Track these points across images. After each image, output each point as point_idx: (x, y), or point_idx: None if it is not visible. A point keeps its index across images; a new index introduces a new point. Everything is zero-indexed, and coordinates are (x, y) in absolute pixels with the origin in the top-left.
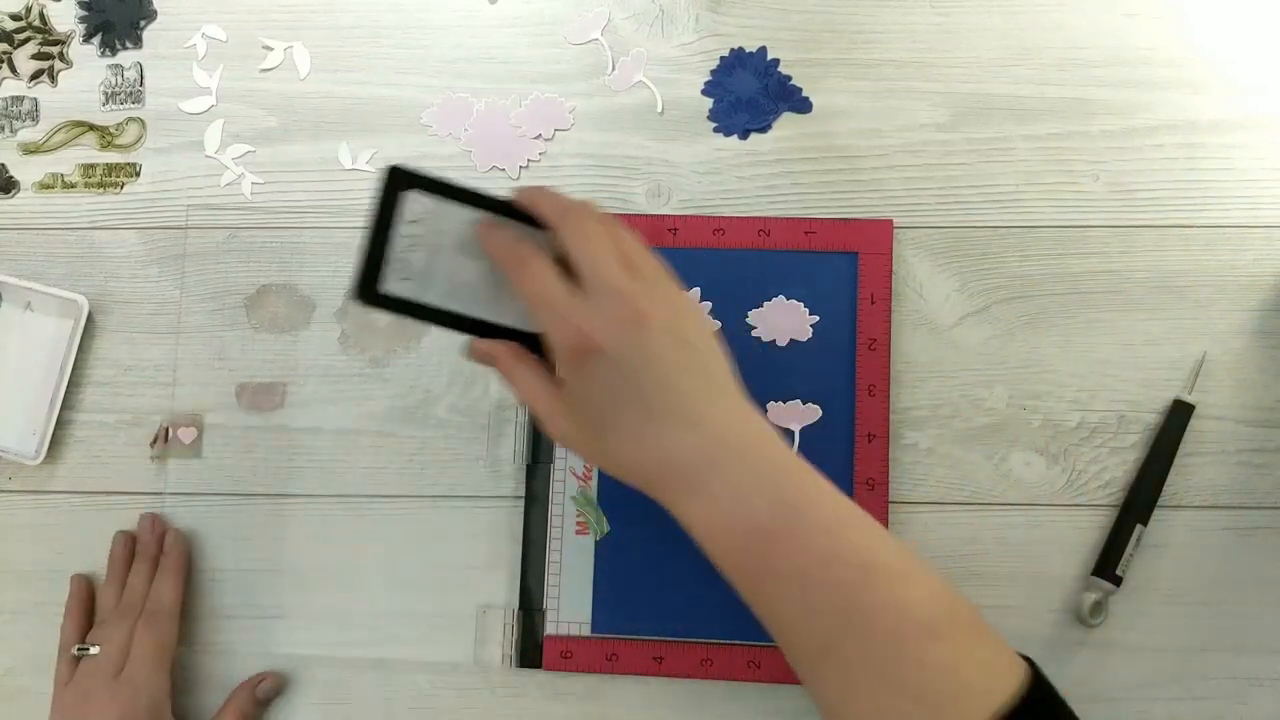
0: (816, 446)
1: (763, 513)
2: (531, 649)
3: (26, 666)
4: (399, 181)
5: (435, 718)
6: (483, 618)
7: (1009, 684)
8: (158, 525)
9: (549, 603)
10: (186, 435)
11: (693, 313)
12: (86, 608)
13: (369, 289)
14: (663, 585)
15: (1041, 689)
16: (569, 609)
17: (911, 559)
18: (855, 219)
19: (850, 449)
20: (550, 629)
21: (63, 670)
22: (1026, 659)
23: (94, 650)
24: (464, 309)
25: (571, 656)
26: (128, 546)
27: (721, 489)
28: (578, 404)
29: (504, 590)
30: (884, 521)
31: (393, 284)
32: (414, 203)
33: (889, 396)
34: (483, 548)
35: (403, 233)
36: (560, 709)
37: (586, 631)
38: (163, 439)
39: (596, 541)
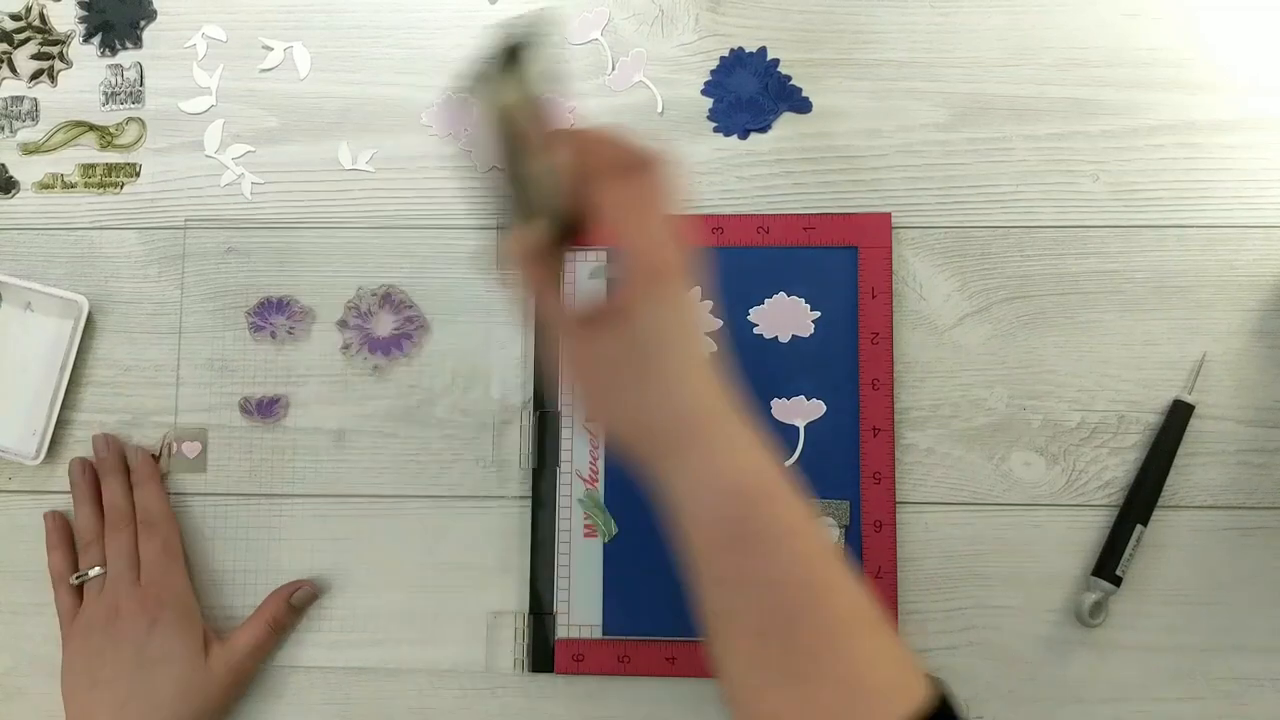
0: (822, 442)
1: (751, 471)
2: (543, 653)
3: (26, 666)
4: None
5: None
6: (494, 622)
7: (917, 687)
8: (113, 443)
9: (559, 606)
10: (190, 450)
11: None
12: (68, 538)
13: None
14: (674, 586)
15: (951, 704)
16: (579, 612)
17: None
18: (854, 214)
19: (856, 444)
20: (561, 632)
21: (65, 602)
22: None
23: (94, 573)
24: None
25: (583, 659)
26: (87, 470)
27: (718, 445)
28: (597, 359)
29: (510, 592)
30: (890, 517)
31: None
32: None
33: (893, 390)
34: (485, 549)
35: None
36: (573, 711)
37: (598, 634)
38: (167, 453)
39: (605, 544)
